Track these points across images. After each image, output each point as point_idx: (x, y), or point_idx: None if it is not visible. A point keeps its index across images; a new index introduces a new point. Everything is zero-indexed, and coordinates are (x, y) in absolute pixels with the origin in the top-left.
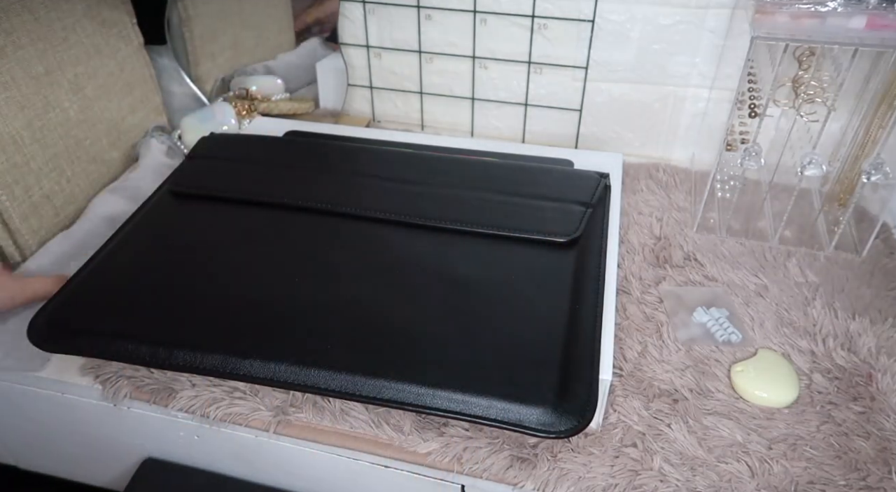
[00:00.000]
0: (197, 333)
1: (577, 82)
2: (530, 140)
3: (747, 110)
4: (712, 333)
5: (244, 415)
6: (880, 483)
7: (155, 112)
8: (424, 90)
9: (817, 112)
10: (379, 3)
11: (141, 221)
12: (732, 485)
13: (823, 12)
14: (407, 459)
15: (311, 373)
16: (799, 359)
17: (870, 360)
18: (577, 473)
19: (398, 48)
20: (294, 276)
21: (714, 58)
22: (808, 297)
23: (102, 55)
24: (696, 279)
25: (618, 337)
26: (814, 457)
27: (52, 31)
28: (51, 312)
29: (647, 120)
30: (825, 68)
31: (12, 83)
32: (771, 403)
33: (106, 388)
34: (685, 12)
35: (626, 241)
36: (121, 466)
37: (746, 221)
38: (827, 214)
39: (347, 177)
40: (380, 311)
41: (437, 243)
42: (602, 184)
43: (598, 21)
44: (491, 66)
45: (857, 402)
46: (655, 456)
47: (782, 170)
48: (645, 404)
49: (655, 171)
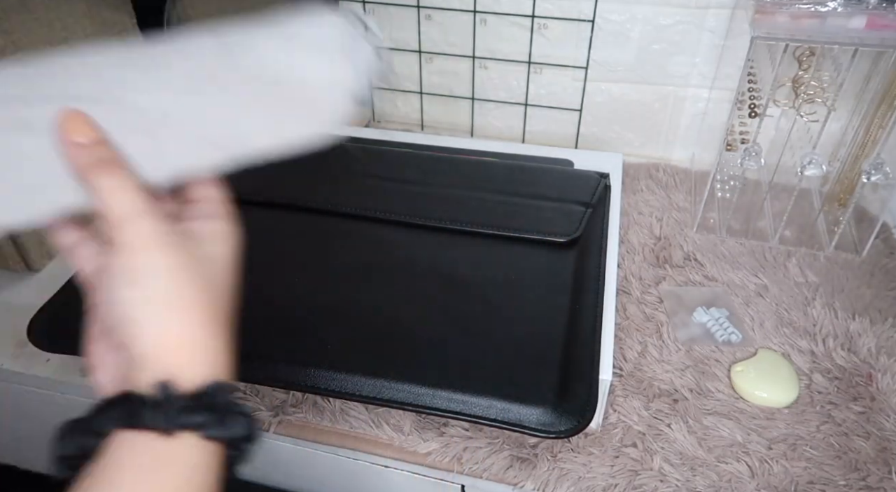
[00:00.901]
0: None
1: (577, 82)
2: (530, 140)
3: (747, 110)
4: (712, 333)
5: None
6: (880, 483)
7: None
8: (424, 90)
9: (817, 112)
10: (379, 3)
11: None
12: (732, 485)
13: (823, 12)
14: (407, 459)
15: (311, 373)
16: (799, 359)
17: (870, 360)
18: (577, 473)
19: (398, 48)
20: (294, 275)
21: (714, 58)
22: (808, 297)
23: None
24: (696, 279)
25: (618, 337)
26: (814, 457)
27: (52, 31)
28: (51, 312)
29: (647, 120)
30: (825, 68)
31: None
32: (771, 403)
33: None
34: (685, 12)
35: (626, 241)
36: None
37: (746, 221)
38: (827, 214)
39: (347, 177)
40: (380, 311)
41: (437, 243)
42: (602, 184)
43: (598, 21)
44: (491, 66)
45: (857, 402)
46: (655, 456)
47: (782, 170)
48: (645, 404)
49: (655, 171)
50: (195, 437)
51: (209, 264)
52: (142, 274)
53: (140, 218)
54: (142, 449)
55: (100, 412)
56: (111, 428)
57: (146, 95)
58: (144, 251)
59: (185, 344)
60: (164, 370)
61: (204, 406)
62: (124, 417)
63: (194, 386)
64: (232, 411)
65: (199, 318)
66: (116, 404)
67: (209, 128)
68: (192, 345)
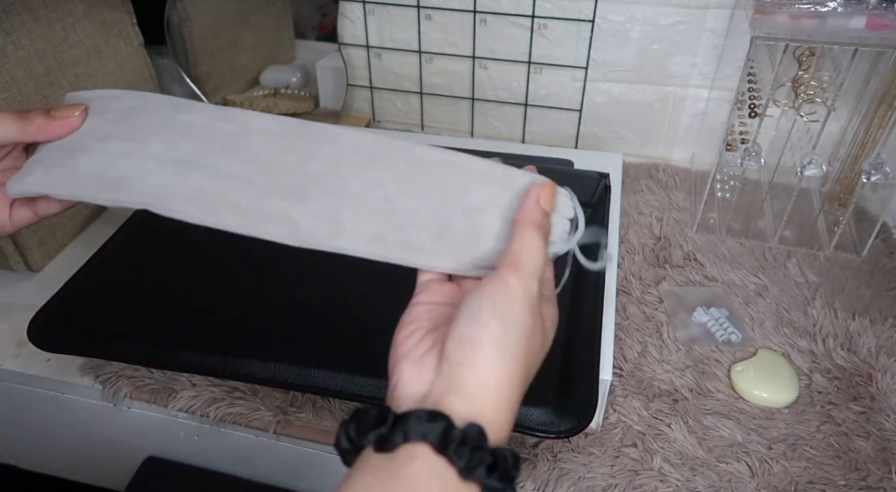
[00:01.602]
0: (197, 333)
1: (577, 82)
2: (530, 140)
3: (747, 110)
4: (712, 333)
5: (244, 415)
6: (880, 483)
7: None
8: (424, 90)
9: (817, 112)
10: (379, 3)
11: (141, 221)
12: (732, 485)
13: (823, 12)
14: None
15: (311, 373)
16: (799, 359)
17: (870, 360)
18: (577, 473)
19: (398, 48)
20: (294, 275)
21: (714, 58)
22: (808, 297)
23: (102, 55)
24: (696, 279)
25: (618, 337)
26: (814, 457)
27: (52, 31)
28: (51, 312)
29: (647, 120)
30: (825, 68)
31: (12, 83)
32: (771, 403)
33: (106, 388)
34: (685, 12)
35: (626, 241)
36: (121, 466)
37: (746, 221)
38: (827, 214)
39: None
40: (380, 311)
41: None
42: (602, 184)
43: (598, 21)
44: (491, 66)
45: (857, 402)
46: (655, 456)
47: (782, 170)
48: (645, 404)
49: (655, 171)
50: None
51: (540, 341)
52: (509, 314)
53: (534, 276)
54: (442, 479)
55: (416, 419)
56: (422, 441)
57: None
58: (522, 299)
59: (503, 399)
60: (479, 412)
61: (502, 471)
62: (438, 437)
63: (496, 444)
64: (514, 487)
65: (519, 383)
66: (433, 420)
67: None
68: (508, 404)
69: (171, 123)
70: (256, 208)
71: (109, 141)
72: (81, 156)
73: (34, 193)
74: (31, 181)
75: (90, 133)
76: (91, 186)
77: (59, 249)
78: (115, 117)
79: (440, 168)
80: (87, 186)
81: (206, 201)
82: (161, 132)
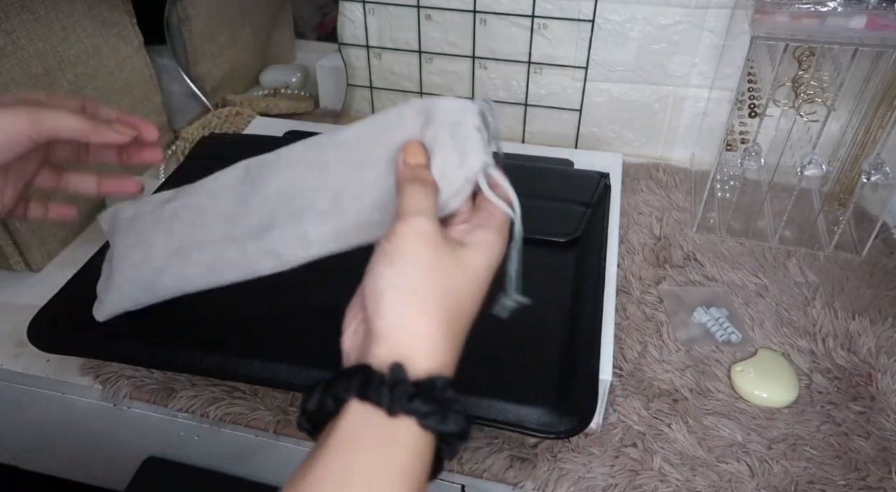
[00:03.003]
0: (197, 333)
1: (576, 82)
2: (530, 140)
3: (747, 110)
4: (712, 333)
5: (244, 415)
6: (880, 483)
7: (155, 112)
8: (424, 90)
9: (817, 112)
10: (379, 3)
11: None
12: (732, 485)
13: (823, 12)
14: None
15: (311, 373)
16: (799, 359)
17: (870, 360)
18: (577, 473)
19: (398, 48)
20: (294, 276)
21: (714, 58)
22: (808, 297)
23: (102, 55)
24: (696, 279)
25: (618, 337)
26: (814, 457)
27: (52, 31)
28: (51, 312)
29: (647, 120)
30: (825, 68)
31: (12, 83)
32: (771, 403)
33: (106, 388)
34: (685, 12)
35: (626, 241)
36: (121, 465)
37: (746, 221)
38: (827, 214)
39: None
40: None
41: None
42: (602, 184)
43: (598, 21)
44: (491, 66)
45: (857, 402)
46: (655, 456)
47: (782, 170)
48: (645, 404)
49: (655, 171)
50: (415, 424)
51: (460, 271)
52: (399, 257)
53: (420, 216)
54: (372, 423)
55: (342, 379)
56: (349, 396)
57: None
58: (411, 239)
59: (419, 334)
60: (397, 352)
61: (428, 396)
62: (358, 387)
63: (421, 376)
64: (452, 407)
65: (436, 314)
66: (353, 375)
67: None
68: (425, 337)
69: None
70: (244, 256)
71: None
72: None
73: (115, 313)
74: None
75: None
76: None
77: (59, 249)
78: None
79: (362, 144)
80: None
81: (210, 271)
82: (157, 228)
